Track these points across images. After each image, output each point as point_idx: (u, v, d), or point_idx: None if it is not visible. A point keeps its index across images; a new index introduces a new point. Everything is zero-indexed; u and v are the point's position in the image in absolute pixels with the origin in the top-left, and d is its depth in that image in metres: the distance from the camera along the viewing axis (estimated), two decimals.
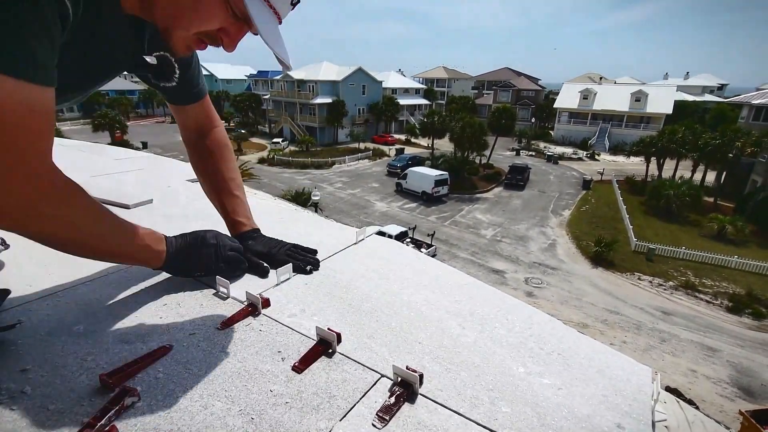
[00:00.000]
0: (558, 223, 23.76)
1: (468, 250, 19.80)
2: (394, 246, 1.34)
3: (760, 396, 11.50)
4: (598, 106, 45.99)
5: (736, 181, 28.62)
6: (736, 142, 25.93)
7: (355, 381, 0.71)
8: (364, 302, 0.97)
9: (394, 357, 0.78)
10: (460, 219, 24.05)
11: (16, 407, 0.62)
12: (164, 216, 1.48)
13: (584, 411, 0.69)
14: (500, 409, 0.68)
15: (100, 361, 0.73)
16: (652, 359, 12.55)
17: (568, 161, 39.55)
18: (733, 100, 39.56)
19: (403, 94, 52.91)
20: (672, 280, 17.65)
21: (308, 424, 0.62)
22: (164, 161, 2.46)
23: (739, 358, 12.98)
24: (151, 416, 0.62)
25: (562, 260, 19.20)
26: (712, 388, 11.75)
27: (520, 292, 16.02)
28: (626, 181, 30.89)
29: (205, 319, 0.87)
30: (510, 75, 63.05)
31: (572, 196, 28.57)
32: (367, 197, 27.05)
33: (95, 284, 0.99)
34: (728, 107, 38.92)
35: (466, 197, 28.02)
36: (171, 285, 1.00)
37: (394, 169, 31.80)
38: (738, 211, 24.27)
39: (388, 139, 44.17)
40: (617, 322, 14.60)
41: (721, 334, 14.27)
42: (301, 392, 0.68)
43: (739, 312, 15.52)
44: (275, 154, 35.52)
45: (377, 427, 0.62)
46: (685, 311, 15.53)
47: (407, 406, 0.67)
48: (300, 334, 0.84)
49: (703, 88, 58.86)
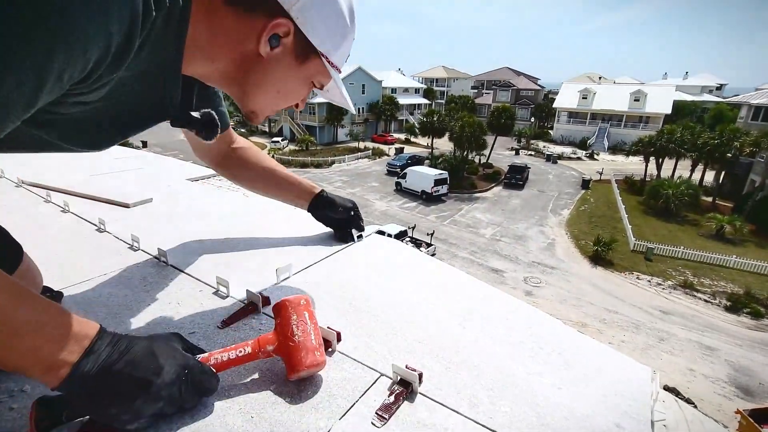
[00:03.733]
0: (557, 222, 23.79)
1: (467, 250, 19.82)
2: (394, 245, 1.34)
3: (758, 395, 11.54)
4: (597, 105, 46.03)
5: (735, 180, 28.69)
6: (735, 141, 25.98)
7: (355, 380, 0.72)
8: (363, 301, 0.97)
9: (394, 356, 0.78)
10: (460, 218, 24.06)
11: (15, 406, 0.62)
12: (164, 215, 1.48)
13: (583, 410, 0.69)
14: (499, 408, 0.68)
15: None
16: (651, 358, 12.58)
17: (568, 161, 39.59)
18: (732, 99, 39.64)
19: (402, 93, 52.89)
20: (670, 279, 17.69)
21: (308, 422, 0.62)
22: (164, 160, 2.45)
23: (737, 357, 13.02)
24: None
25: (561, 260, 19.23)
26: (710, 387, 11.79)
27: (519, 291, 16.05)
28: (625, 181, 30.95)
29: (205, 318, 0.87)
30: (509, 74, 63.05)
31: (571, 196, 28.61)
32: (367, 196, 27.05)
33: (95, 283, 0.99)
34: (727, 107, 38.98)
35: (465, 196, 28.04)
36: (171, 284, 1.00)
37: (393, 169, 31.81)
38: (736, 211, 24.34)
39: (387, 138, 44.17)
40: (616, 321, 14.63)
41: (720, 333, 14.31)
42: (300, 391, 0.68)
43: (737, 311, 15.57)
44: (275, 154, 35.50)
45: (377, 426, 0.62)
46: (683, 310, 15.57)
47: (407, 405, 0.67)
48: None
49: (702, 87, 58.97)
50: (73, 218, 1.40)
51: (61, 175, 1.86)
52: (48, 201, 1.54)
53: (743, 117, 31.64)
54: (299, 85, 0.76)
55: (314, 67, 0.73)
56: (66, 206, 1.46)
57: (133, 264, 1.09)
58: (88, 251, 1.16)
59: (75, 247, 1.19)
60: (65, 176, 1.83)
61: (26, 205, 1.51)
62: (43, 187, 1.64)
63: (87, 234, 1.28)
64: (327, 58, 0.71)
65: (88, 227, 1.33)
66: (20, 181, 1.73)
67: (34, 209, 1.48)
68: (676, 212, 24.10)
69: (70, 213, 1.44)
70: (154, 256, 1.13)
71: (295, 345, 0.65)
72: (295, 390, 0.68)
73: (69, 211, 1.44)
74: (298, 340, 0.66)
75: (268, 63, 0.69)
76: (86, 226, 1.34)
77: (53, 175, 1.82)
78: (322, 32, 0.68)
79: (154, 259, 1.12)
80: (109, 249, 1.18)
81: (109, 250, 1.18)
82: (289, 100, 0.79)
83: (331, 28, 0.69)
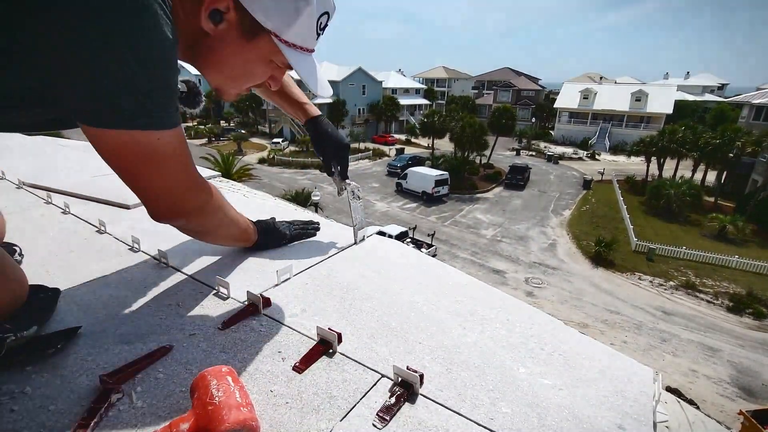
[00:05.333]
0: (558, 223, 23.76)
1: (468, 250, 19.80)
2: (395, 246, 1.34)
3: (760, 396, 11.49)
4: (599, 105, 45.97)
5: (737, 180, 28.61)
6: (737, 141, 25.92)
7: (356, 381, 0.71)
8: (364, 302, 0.97)
9: (395, 357, 0.78)
10: (461, 219, 24.05)
11: (16, 407, 0.62)
12: None
13: (585, 412, 0.69)
14: (501, 409, 0.68)
15: (100, 361, 0.73)
16: (653, 359, 12.55)
17: (569, 161, 39.55)
18: (733, 99, 39.55)
19: (403, 94, 52.89)
20: (672, 279, 17.64)
21: (308, 424, 0.62)
22: None
23: (740, 358, 12.97)
24: (150, 416, 0.62)
25: (563, 260, 19.20)
26: (712, 387, 11.75)
27: (520, 292, 16.02)
28: (626, 181, 30.88)
29: (205, 319, 0.86)
30: (510, 75, 63.04)
31: (572, 196, 28.57)
32: (368, 197, 27.05)
33: (95, 285, 0.99)
34: (729, 107, 38.89)
35: (466, 197, 28.02)
36: (171, 286, 1.00)
37: (394, 169, 31.80)
38: (738, 211, 24.25)
39: (388, 139, 44.16)
40: (618, 322, 14.60)
41: (722, 333, 14.26)
42: (301, 392, 0.68)
43: (739, 312, 15.51)
44: (275, 154, 35.55)
45: (377, 428, 0.62)
46: (685, 311, 15.52)
47: (408, 406, 0.67)
48: (300, 334, 0.84)
49: (704, 87, 58.82)
50: (74, 219, 1.40)
51: (62, 176, 1.86)
52: (48, 202, 1.54)
53: (745, 117, 31.57)
54: (255, 64, 0.75)
55: (266, 45, 0.71)
56: (66, 207, 1.46)
57: (133, 265, 1.09)
58: (88, 252, 1.16)
59: (75, 248, 1.19)
60: (66, 178, 1.83)
61: (27, 207, 1.52)
62: (44, 189, 1.64)
63: (87, 235, 1.28)
64: (277, 35, 0.70)
65: (88, 228, 1.33)
66: (21, 182, 1.74)
67: (34, 211, 1.48)
68: (677, 212, 24.04)
69: (70, 214, 1.44)
70: (154, 257, 1.13)
71: (215, 406, 0.53)
72: (295, 392, 0.68)
73: (69, 213, 1.45)
74: (219, 401, 0.54)
75: (216, 40, 0.69)
76: (87, 227, 1.34)
77: (54, 176, 1.83)
78: (270, 8, 0.67)
79: (155, 261, 1.12)
80: (110, 250, 1.18)
81: (110, 251, 1.18)
82: (249, 79, 0.78)
83: (280, 4, 0.67)
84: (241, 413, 0.53)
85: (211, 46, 0.70)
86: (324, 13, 0.74)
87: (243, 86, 0.81)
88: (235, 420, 0.52)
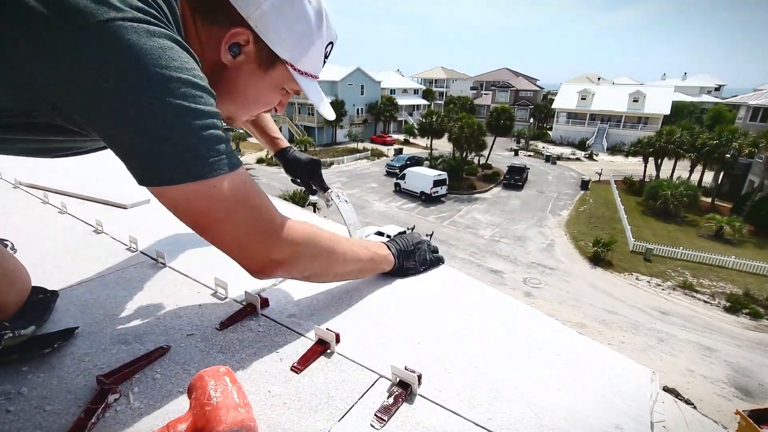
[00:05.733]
0: (556, 223, 23.81)
1: (466, 251, 19.82)
2: None
3: (757, 396, 11.54)
4: (596, 106, 46.08)
5: (734, 181, 28.73)
6: (734, 142, 26.03)
7: (354, 381, 0.71)
8: (362, 302, 0.97)
9: (393, 357, 0.78)
10: (459, 219, 24.07)
11: (13, 408, 0.62)
12: (162, 216, 1.47)
13: (583, 411, 0.69)
14: (499, 409, 0.68)
15: (98, 362, 0.72)
16: (650, 359, 12.58)
17: (567, 161, 39.64)
18: (730, 100, 39.72)
19: (401, 94, 52.91)
20: (670, 280, 17.70)
21: (306, 424, 0.62)
22: None
23: (737, 358, 13.02)
24: (148, 417, 0.62)
25: (561, 260, 19.24)
26: (709, 387, 11.79)
27: (518, 292, 16.04)
28: (624, 182, 30.97)
29: (203, 320, 0.86)
30: (508, 75, 63.14)
31: (570, 197, 28.63)
32: (366, 197, 27.05)
33: (93, 285, 0.98)
34: (726, 108, 39.05)
35: (464, 197, 28.05)
36: (169, 286, 0.99)
37: (392, 170, 31.80)
38: (735, 211, 24.37)
39: (386, 139, 44.16)
40: (615, 322, 14.63)
41: (719, 334, 14.31)
42: (299, 393, 0.68)
43: (736, 312, 15.57)
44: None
45: (375, 428, 0.62)
46: (682, 311, 15.57)
47: (406, 406, 0.67)
48: (298, 334, 0.84)
49: (701, 88, 59.03)
50: (71, 219, 1.40)
51: (59, 176, 1.85)
52: (45, 202, 1.53)
53: (742, 118, 31.70)
54: (268, 92, 0.77)
55: (281, 74, 0.73)
56: (63, 207, 1.46)
57: (130, 265, 1.09)
58: (85, 252, 1.16)
59: (72, 248, 1.18)
60: (63, 178, 1.82)
61: (24, 207, 1.51)
62: (41, 189, 1.64)
63: (84, 235, 1.28)
64: (292, 65, 0.72)
65: (85, 228, 1.33)
66: (18, 182, 1.73)
67: (31, 210, 1.48)
68: (675, 213, 24.12)
69: (67, 214, 1.43)
70: (151, 257, 1.13)
71: (213, 407, 0.54)
72: (293, 392, 0.68)
73: (66, 213, 1.44)
74: (217, 401, 0.55)
75: (233, 71, 0.70)
76: (84, 227, 1.34)
77: (51, 176, 1.82)
78: (287, 40, 0.69)
79: (152, 261, 1.12)
80: (107, 250, 1.18)
81: (107, 251, 1.17)
82: (260, 106, 0.80)
83: (296, 36, 0.69)
84: (239, 414, 0.54)
85: (227, 77, 0.71)
86: (329, 43, 0.78)
87: (255, 113, 0.83)
88: (233, 420, 0.53)
